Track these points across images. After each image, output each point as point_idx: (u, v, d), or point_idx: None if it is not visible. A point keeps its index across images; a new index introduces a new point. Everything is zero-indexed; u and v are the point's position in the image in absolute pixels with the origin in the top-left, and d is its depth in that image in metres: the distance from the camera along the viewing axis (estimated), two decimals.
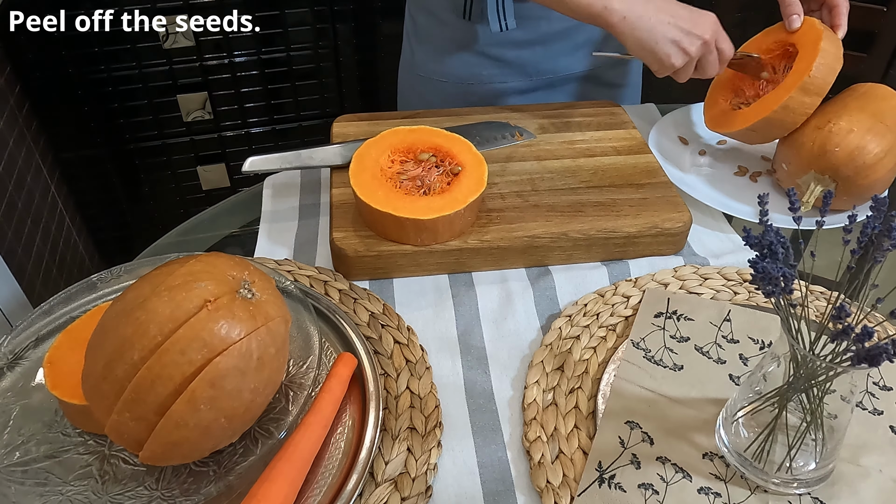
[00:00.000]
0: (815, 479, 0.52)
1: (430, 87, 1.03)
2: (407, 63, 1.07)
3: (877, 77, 1.78)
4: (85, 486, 0.50)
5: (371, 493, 0.53)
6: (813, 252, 0.50)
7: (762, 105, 0.81)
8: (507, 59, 0.98)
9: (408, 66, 1.07)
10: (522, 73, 1.00)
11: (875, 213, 0.46)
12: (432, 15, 0.99)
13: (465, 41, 0.97)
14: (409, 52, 1.06)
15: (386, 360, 0.63)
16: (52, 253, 1.47)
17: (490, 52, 0.98)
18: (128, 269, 0.66)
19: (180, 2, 1.55)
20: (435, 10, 0.98)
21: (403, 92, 1.11)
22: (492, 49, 0.98)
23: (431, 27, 1.00)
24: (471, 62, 0.99)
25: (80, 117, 1.61)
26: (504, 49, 0.97)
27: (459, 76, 1.00)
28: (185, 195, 1.82)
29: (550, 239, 0.72)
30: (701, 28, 0.79)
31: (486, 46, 0.97)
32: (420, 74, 1.04)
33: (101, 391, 0.47)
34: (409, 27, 1.06)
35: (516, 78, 1.00)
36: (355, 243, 0.71)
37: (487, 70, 0.99)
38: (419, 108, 1.01)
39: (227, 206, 0.88)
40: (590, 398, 0.60)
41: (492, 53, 0.98)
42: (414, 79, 1.06)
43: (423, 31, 1.01)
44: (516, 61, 0.99)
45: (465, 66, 0.99)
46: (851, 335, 0.42)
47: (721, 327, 0.65)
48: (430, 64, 1.02)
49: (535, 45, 0.97)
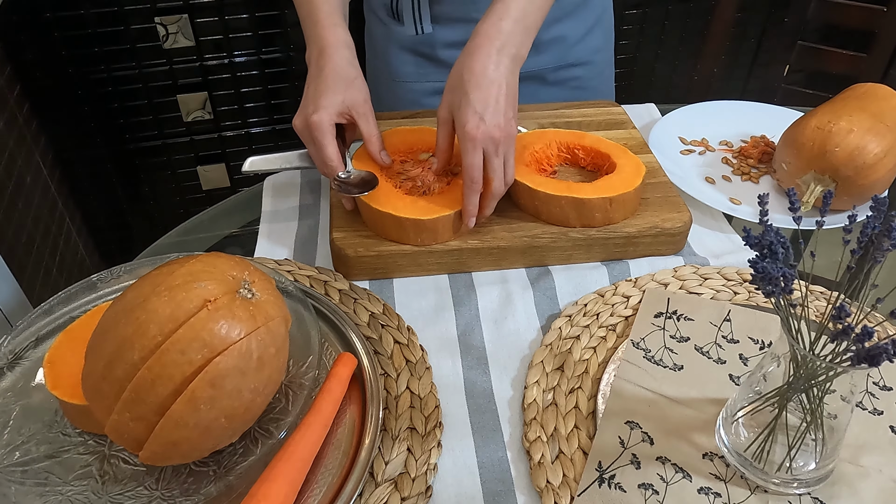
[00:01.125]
0: (815, 479, 0.52)
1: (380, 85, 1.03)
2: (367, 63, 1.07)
3: (877, 77, 1.79)
4: (85, 486, 0.50)
5: (371, 493, 0.52)
6: (813, 252, 0.50)
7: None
8: (441, 58, 0.97)
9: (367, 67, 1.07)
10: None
11: (875, 213, 0.46)
12: (374, 14, 1.00)
13: (399, 40, 0.97)
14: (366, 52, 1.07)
15: (386, 360, 0.63)
16: (52, 253, 1.47)
17: (423, 51, 0.97)
18: (128, 269, 0.66)
19: (180, 2, 1.55)
20: (375, 9, 0.99)
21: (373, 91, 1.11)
22: (423, 48, 0.97)
23: (374, 27, 1.01)
24: (407, 60, 0.98)
25: (80, 117, 1.61)
26: (435, 49, 0.96)
27: (398, 74, 1.00)
28: (185, 195, 1.82)
29: (550, 239, 0.72)
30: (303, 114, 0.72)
31: (417, 45, 0.97)
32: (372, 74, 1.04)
33: (101, 391, 0.47)
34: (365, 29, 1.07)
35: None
36: (355, 243, 0.71)
37: (423, 69, 0.98)
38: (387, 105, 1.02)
39: (227, 206, 0.88)
40: (590, 398, 0.60)
41: (424, 52, 0.97)
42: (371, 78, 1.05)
43: (369, 30, 1.02)
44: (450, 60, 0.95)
45: (401, 65, 0.99)
46: (851, 335, 0.42)
47: (721, 327, 0.65)
48: (375, 62, 1.03)
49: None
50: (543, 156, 0.80)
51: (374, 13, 0.99)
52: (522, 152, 0.77)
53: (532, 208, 0.73)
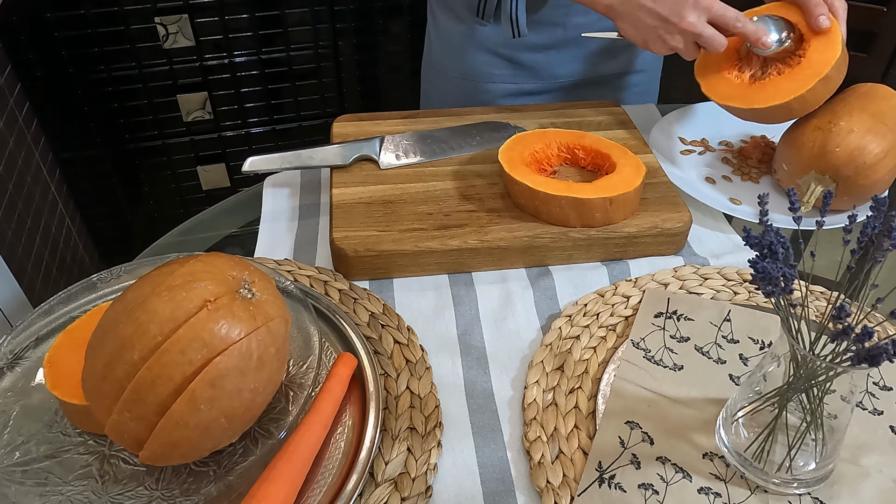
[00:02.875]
0: (815, 479, 0.52)
1: (445, 80, 1.05)
2: (427, 58, 1.10)
3: (877, 77, 1.78)
4: (85, 486, 0.50)
5: (371, 493, 0.52)
6: (813, 252, 0.50)
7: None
8: (521, 61, 0.99)
9: (428, 61, 1.10)
10: (535, 75, 1.01)
11: (875, 213, 0.46)
12: (451, 12, 1.01)
13: (480, 40, 0.99)
14: (428, 47, 1.09)
15: (386, 360, 0.63)
16: (52, 253, 1.47)
17: (503, 53, 0.99)
18: (128, 269, 0.66)
19: (180, 2, 1.55)
20: (453, 7, 1.00)
21: (424, 85, 1.14)
22: (505, 50, 0.99)
23: (449, 24, 1.02)
24: (484, 61, 1.00)
25: (80, 117, 1.61)
26: (517, 51, 0.99)
27: (473, 73, 1.02)
28: (185, 195, 1.82)
29: (550, 239, 0.72)
30: (678, 14, 0.75)
31: (499, 47, 0.99)
32: (437, 68, 1.06)
33: (101, 391, 0.47)
34: (430, 23, 1.08)
35: (529, 80, 1.02)
36: (355, 243, 0.71)
37: (500, 70, 1.01)
38: (437, 101, 1.06)
39: (227, 206, 0.88)
40: (590, 398, 0.60)
41: (505, 54, 0.99)
42: (432, 72, 1.08)
43: (442, 27, 1.03)
44: (529, 64, 1.00)
45: (479, 65, 1.01)
46: (851, 335, 0.42)
47: (721, 327, 0.65)
48: (445, 59, 1.04)
49: (549, 50, 0.99)
50: (543, 156, 0.80)
51: (452, 11, 1.00)
52: (522, 152, 0.77)
53: (532, 208, 0.73)
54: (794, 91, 0.76)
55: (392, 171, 0.80)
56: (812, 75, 0.76)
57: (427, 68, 1.11)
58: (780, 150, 0.83)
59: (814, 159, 0.77)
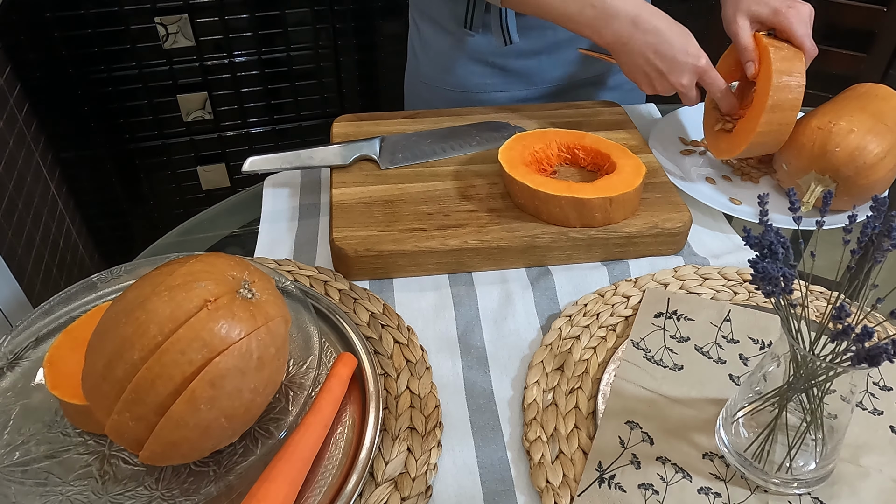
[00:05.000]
0: (815, 479, 0.52)
1: (434, 94, 1.03)
2: (412, 70, 1.07)
3: (877, 77, 1.78)
4: (85, 486, 0.50)
5: (371, 493, 0.53)
6: (813, 252, 0.50)
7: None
8: (512, 68, 0.98)
9: (413, 73, 1.07)
10: (528, 81, 1.00)
11: (875, 213, 0.46)
12: (435, 23, 0.98)
13: (469, 50, 0.97)
14: (413, 60, 1.06)
15: (386, 360, 0.63)
16: (52, 253, 1.47)
17: (494, 62, 0.97)
18: (128, 269, 0.66)
19: (180, 2, 1.55)
20: (437, 18, 0.97)
21: (409, 97, 1.11)
22: (495, 58, 0.97)
23: (435, 36, 0.99)
24: (475, 71, 0.98)
25: (80, 117, 1.61)
26: (508, 59, 0.97)
27: (463, 85, 1.00)
28: (185, 195, 1.82)
29: (550, 239, 0.72)
30: (675, 73, 0.80)
31: (489, 56, 0.97)
32: (424, 82, 1.03)
33: (101, 391, 0.47)
34: (413, 35, 1.05)
35: (521, 87, 1.00)
36: (355, 243, 0.71)
37: (492, 79, 0.98)
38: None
39: (227, 206, 0.88)
40: (590, 398, 0.60)
41: (496, 63, 0.97)
42: (419, 86, 1.05)
43: (426, 39, 1.01)
44: (521, 70, 0.98)
45: (469, 76, 0.99)
46: (851, 335, 0.42)
47: (721, 327, 0.65)
48: (433, 72, 1.02)
49: (540, 55, 0.97)
50: (543, 156, 0.80)
51: (437, 23, 0.98)
52: (522, 152, 0.77)
53: (532, 208, 0.73)
54: (751, 130, 0.79)
55: (392, 171, 0.80)
56: (759, 112, 0.78)
57: (413, 82, 1.08)
58: (780, 150, 0.83)
59: (814, 159, 0.77)
